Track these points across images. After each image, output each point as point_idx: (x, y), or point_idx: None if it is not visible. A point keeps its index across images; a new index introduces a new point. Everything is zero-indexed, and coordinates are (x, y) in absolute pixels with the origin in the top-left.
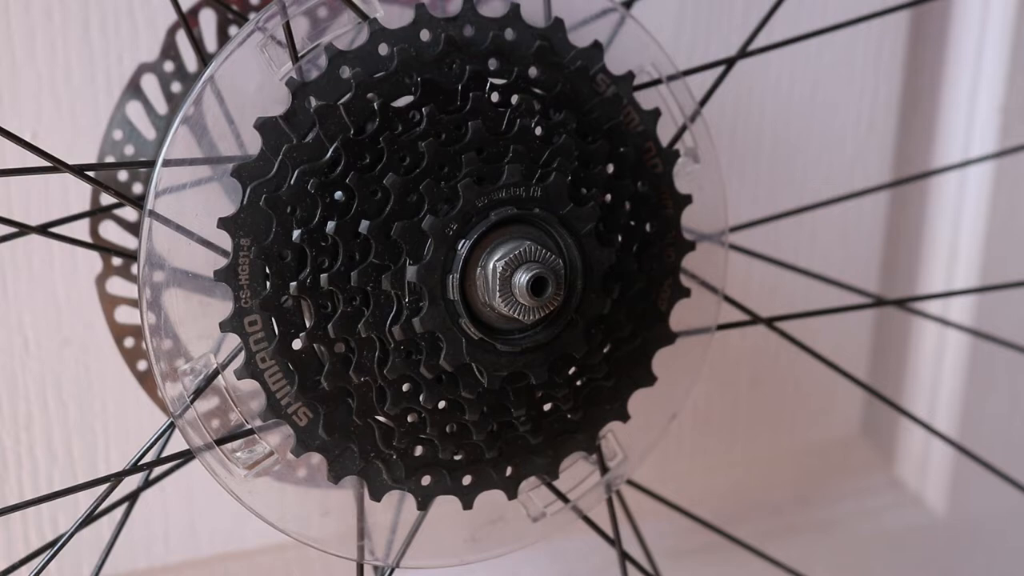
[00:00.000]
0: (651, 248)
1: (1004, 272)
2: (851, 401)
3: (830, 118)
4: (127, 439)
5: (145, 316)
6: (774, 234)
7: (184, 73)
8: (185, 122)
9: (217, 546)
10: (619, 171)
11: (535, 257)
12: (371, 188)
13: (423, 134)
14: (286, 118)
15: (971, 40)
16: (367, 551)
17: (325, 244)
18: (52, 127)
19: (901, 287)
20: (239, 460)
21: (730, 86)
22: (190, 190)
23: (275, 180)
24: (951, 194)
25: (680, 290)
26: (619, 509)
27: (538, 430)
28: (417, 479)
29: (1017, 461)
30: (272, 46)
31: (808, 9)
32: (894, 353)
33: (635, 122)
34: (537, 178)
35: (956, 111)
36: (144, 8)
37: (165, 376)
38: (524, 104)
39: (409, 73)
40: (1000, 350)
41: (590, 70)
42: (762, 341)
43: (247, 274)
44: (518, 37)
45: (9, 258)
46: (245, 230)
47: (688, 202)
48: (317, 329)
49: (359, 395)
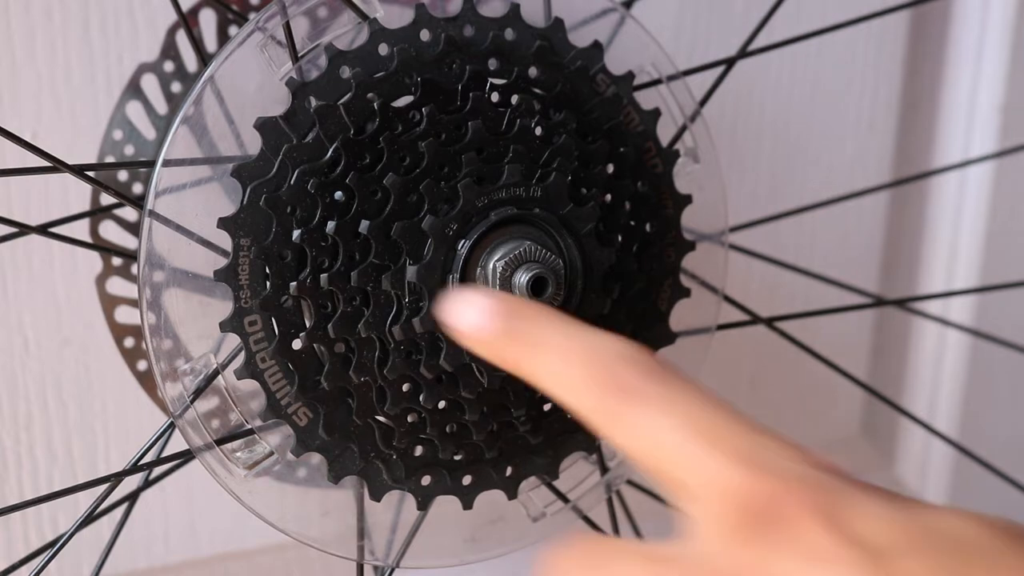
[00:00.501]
0: (651, 248)
1: (1004, 272)
2: (851, 401)
3: (830, 118)
4: (127, 439)
5: (145, 316)
6: (774, 234)
7: (184, 73)
8: (185, 122)
9: (217, 546)
10: (619, 171)
11: (535, 257)
12: (371, 188)
13: (423, 134)
14: (286, 118)
15: (971, 40)
16: (367, 551)
17: (325, 244)
18: (52, 127)
19: (901, 287)
20: (239, 460)
21: (730, 86)
22: (190, 190)
23: (275, 180)
24: (951, 194)
25: (680, 290)
26: (619, 509)
27: (538, 430)
28: (417, 479)
29: (1017, 461)
30: (272, 46)
31: (808, 9)
32: (894, 353)
33: (635, 122)
34: (537, 178)
35: (956, 111)
36: (144, 8)
37: (165, 376)
38: (524, 104)
39: (409, 73)
40: (1000, 350)
41: (590, 70)
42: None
43: (247, 274)
44: (518, 37)
45: (9, 258)
46: (245, 230)
47: (688, 202)
48: (317, 329)
49: (359, 395)
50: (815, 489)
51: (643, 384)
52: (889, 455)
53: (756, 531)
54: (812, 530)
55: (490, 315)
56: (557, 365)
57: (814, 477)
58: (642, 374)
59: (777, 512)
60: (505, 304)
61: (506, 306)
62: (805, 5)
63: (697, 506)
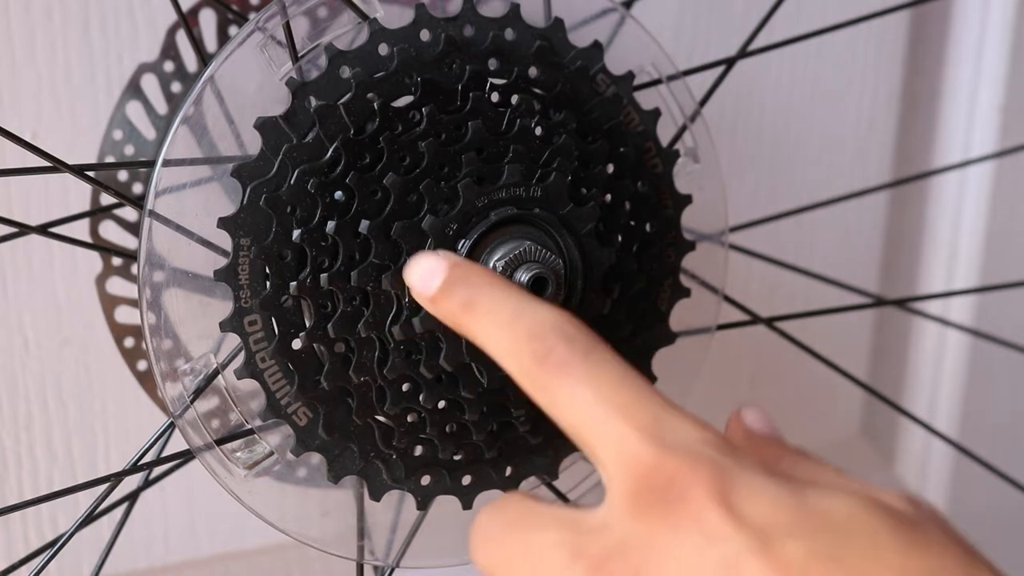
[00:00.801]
0: (651, 248)
1: (1004, 272)
2: (851, 401)
3: (830, 118)
4: (127, 439)
5: (145, 316)
6: (774, 234)
7: (184, 73)
8: (185, 122)
9: (217, 546)
10: (619, 171)
11: (535, 257)
12: (371, 188)
13: (423, 134)
14: (286, 118)
15: (971, 40)
16: (367, 551)
17: (325, 244)
18: (52, 127)
19: (901, 287)
20: (239, 460)
21: (730, 86)
22: (190, 190)
23: (275, 180)
24: (951, 194)
25: (680, 290)
26: None
27: (538, 430)
28: (417, 479)
29: (1017, 461)
30: (272, 46)
31: (808, 9)
32: (894, 353)
33: (635, 122)
34: (537, 178)
35: (956, 111)
36: (144, 8)
37: (165, 376)
38: (524, 104)
39: (409, 73)
40: (1000, 350)
41: (590, 70)
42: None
43: (247, 274)
44: (518, 37)
45: (9, 258)
46: (245, 230)
47: (688, 202)
48: (317, 329)
49: (359, 395)
50: (712, 468)
51: (569, 356)
52: (889, 455)
53: (652, 505)
54: (704, 508)
55: (441, 276)
56: (494, 329)
57: (712, 457)
58: (570, 347)
59: (673, 488)
60: (456, 268)
61: (457, 271)
62: (805, 5)
63: (605, 475)
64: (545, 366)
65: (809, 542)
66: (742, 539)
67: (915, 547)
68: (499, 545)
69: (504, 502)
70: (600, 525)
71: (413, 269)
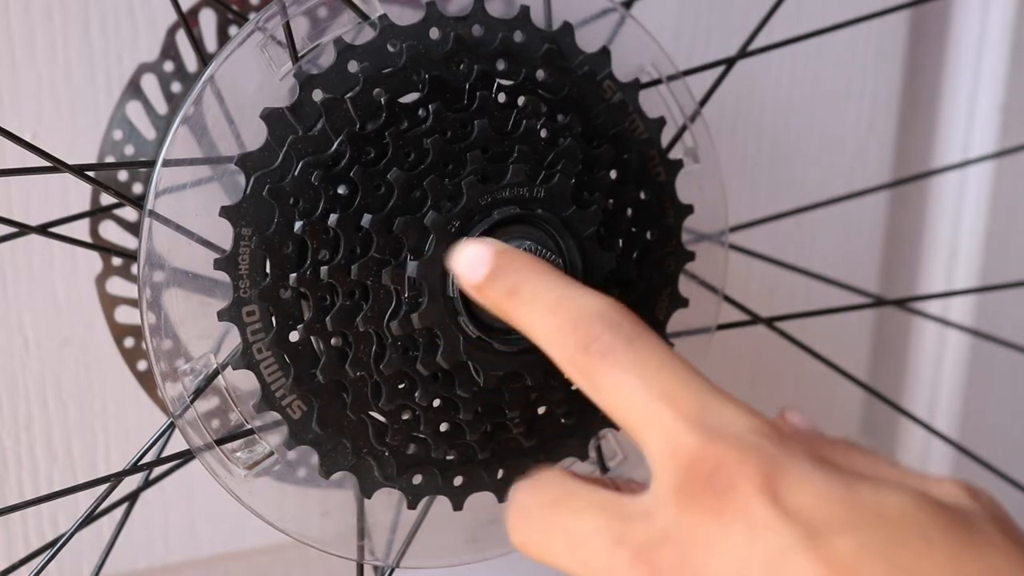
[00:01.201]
0: (651, 256)
1: (1004, 272)
2: (851, 401)
3: (830, 118)
4: (127, 439)
5: (145, 316)
6: (774, 234)
7: (184, 73)
8: (185, 122)
9: (217, 546)
10: (622, 177)
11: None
12: (375, 182)
13: (429, 131)
14: (292, 110)
15: (971, 40)
16: (367, 551)
17: (326, 236)
18: (52, 127)
19: (901, 287)
20: (239, 460)
21: (730, 86)
22: (190, 190)
23: (279, 171)
24: (951, 194)
25: (678, 300)
26: None
27: (532, 432)
28: (408, 477)
29: (1017, 461)
30: (272, 46)
31: (808, 9)
32: (894, 353)
33: (640, 129)
34: (541, 179)
35: (956, 111)
36: (144, 8)
37: (165, 376)
38: (530, 105)
39: (417, 70)
40: (1000, 350)
41: (597, 75)
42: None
43: (247, 264)
44: (527, 39)
45: (9, 258)
46: (247, 219)
47: (689, 212)
48: (315, 322)
49: (354, 390)
50: (760, 457)
51: (616, 344)
52: (889, 455)
53: (698, 495)
54: (751, 499)
55: (487, 264)
56: (539, 316)
57: (761, 446)
58: (615, 334)
59: (719, 478)
60: (501, 255)
61: (503, 258)
62: (805, 5)
63: (653, 463)
64: (589, 353)
65: (859, 538)
66: (790, 532)
67: (968, 547)
68: (538, 526)
69: (544, 480)
70: (643, 512)
71: (459, 257)
